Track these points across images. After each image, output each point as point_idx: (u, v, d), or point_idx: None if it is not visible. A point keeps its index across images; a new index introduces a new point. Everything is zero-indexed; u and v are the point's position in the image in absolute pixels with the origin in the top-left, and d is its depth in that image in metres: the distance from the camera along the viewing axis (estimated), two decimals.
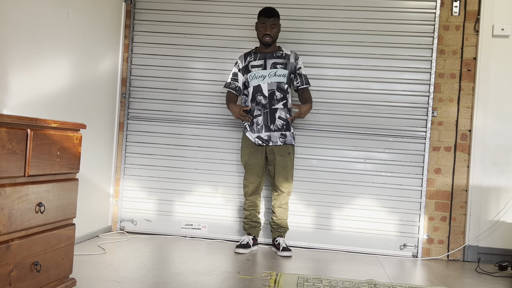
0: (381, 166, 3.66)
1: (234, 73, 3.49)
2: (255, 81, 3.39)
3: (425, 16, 3.64)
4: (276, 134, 3.37)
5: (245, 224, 3.52)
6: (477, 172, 3.55)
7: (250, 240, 3.43)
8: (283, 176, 3.39)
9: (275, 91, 3.36)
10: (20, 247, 1.85)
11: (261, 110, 3.38)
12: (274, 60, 3.39)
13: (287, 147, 3.40)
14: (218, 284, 2.55)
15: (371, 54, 3.68)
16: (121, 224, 3.87)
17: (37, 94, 2.76)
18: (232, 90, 3.47)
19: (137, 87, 3.89)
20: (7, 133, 1.74)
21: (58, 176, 2.10)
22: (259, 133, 3.39)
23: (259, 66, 3.40)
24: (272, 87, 3.36)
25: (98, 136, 3.58)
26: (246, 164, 3.45)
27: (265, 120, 3.37)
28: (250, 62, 3.43)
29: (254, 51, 3.47)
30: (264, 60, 3.40)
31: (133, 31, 3.89)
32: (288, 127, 3.39)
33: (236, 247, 3.36)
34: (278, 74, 3.36)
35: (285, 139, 3.38)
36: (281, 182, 3.40)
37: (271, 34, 3.35)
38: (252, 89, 3.40)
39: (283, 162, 3.39)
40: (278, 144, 3.37)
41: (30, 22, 2.66)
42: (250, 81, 3.42)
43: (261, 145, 3.40)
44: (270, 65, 3.38)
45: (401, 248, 3.63)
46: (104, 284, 2.43)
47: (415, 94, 3.65)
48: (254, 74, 3.39)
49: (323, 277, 2.74)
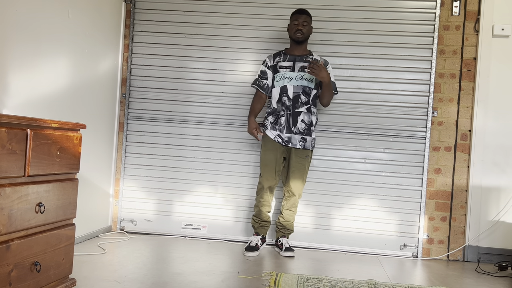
0: (381, 166, 3.66)
1: (263, 71, 3.43)
2: (281, 81, 3.35)
3: (425, 16, 3.64)
4: (296, 137, 3.34)
5: (254, 222, 3.48)
6: (477, 172, 3.55)
7: (258, 240, 3.39)
8: (297, 178, 3.37)
9: (300, 94, 3.32)
10: (20, 247, 1.85)
11: (285, 111, 3.34)
12: (303, 63, 3.35)
13: (307, 151, 3.38)
14: (218, 284, 2.55)
15: (371, 54, 3.68)
16: (121, 224, 3.87)
17: (37, 94, 2.76)
18: (260, 88, 3.41)
19: (137, 87, 3.89)
20: (7, 133, 1.74)
21: (58, 176, 2.10)
22: (280, 132, 3.35)
23: (288, 67, 3.36)
24: (298, 90, 3.33)
25: (98, 136, 3.57)
26: (263, 161, 3.40)
27: (287, 122, 3.33)
28: (279, 63, 3.39)
29: (284, 52, 3.43)
30: (293, 63, 3.36)
31: (133, 31, 3.89)
32: (309, 132, 3.35)
33: (246, 250, 3.31)
34: (305, 78, 3.33)
35: (304, 143, 3.35)
36: (294, 184, 3.38)
37: (303, 30, 3.30)
38: (279, 90, 3.36)
39: (300, 164, 3.36)
40: (298, 147, 3.34)
41: (30, 22, 2.66)
42: (277, 81, 3.37)
43: (281, 144, 3.36)
44: (298, 68, 3.34)
45: (401, 248, 3.63)
46: (104, 284, 2.43)
47: (415, 94, 3.65)
48: (282, 74, 3.36)
49: (323, 277, 2.74)
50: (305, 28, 3.32)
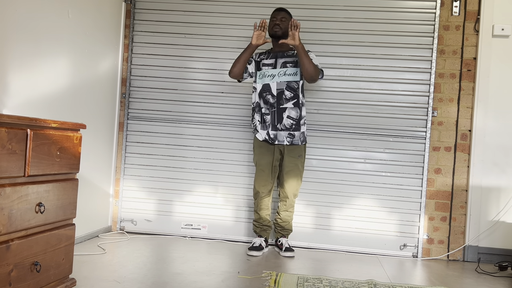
0: (381, 166, 3.66)
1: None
2: (264, 79, 3.36)
3: (425, 16, 3.64)
4: (283, 134, 3.33)
5: (255, 227, 3.47)
6: (477, 172, 3.55)
7: (262, 242, 3.39)
8: (291, 179, 3.36)
9: (284, 90, 3.32)
10: (20, 247, 1.85)
11: (269, 109, 3.34)
12: (285, 59, 3.36)
13: (299, 149, 3.37)
14: (218, 284, 2.55)
15: (371, 54, 3.68)
16: (121, 224, 3.87)
17: (37, 94, 2.76)
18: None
19: (137, 87, 3.89)
20: (7, 133, 1.74)
21: (58, 176, 2.10)
22: (268, 129, 3.35)
23: (270, 65, 3.37)
24: (281, 87, 3.32)
25: (98, 136, 3.57)
26: (257, 165, 3.41)
27: (272, 119, 3.33)
28: (262, 60, 3.40)
29: (268, 51, 3.44)
30: (275, 60, 3.36)
31: (133, 31, 3.89)
32: (298, 127, 3.33)
33: (249, 250, 3.31)
34: (288, 73, 3.33)
35: (292, 139, 3.33)
36: (288, 186, 3.37)
37: (280, 25, 3.29)
38: (260, 87, 3.37)
39: (293, 164, 3.36)
40: (285, 143, 3.33)
41: (30, 22, 2.66)
42: (259, 78, 3.38)
43: (270, 143, 3.36)
44: (280, 64, 3.35)
45: (401, 248, 3.63)
46: (104, 284, 2.43)
47: (415, 94, 3.65)
48: (264, 72, 3.37)
49: (323, 277, 2.74)
50: (283, 23, 3.31)
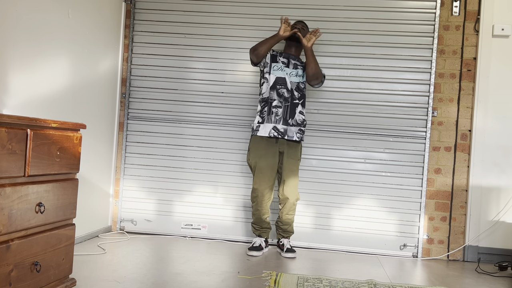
0: (381, 166, 3.66)
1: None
2: (279, 72, 3.35)
3: (425, 16, 3.64)
4: (293, 129, 3.32)
5: (255, 230, 3.46)
6: (477, 172, 3.55)
7: (262, 242, 3.39)
8: (291, 182, 3.35)
9: (294, 90, 3.34)
10: (20, 247, 1.85)
11: (283, 102, 3.33)
12: (295, 62, 3.39)
13: (298, 152, 3.37)
14: (218, 284, 2.55)
15: (371, 54, 3.68)
16: (121, 224, 3.87)
17: (37, 94, 2.76)
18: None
19: (137, 87, 3.89)
20: (7, 133, 1.74)
21: (58, 176, 2.10)
22: (276, 123, 3.31)
23: (283, 62, 3.38)
24: (293, 86, 3.34)
25: (98, 136, 3.57)
26: (256, 168, 3.35)
27: (285, 113, 3.33)
28: (278, 56, 3.40)
29: (281, 51, 3.45)
30: (288, 60, 3.38)
31: (133, 31, 3.89)
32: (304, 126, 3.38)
33: (249, 250, 3.31)
34: (298, 75, 3.36)
35: (302, 135, 3.34)
36: (290, 189, 3.35)
37: (300, 30, 3.30)
38: (274, 79, 3.35)
39: (294, 167, 3.36)
40: (294, 139, 3.32)
41: (30, 22, 2.66)
42: (274, 70, 3.36)
43: (276, 137, 3.32)
44: (292, 65, 3.38)
45: (401, 248, 3.63)
46: (104, 284, 2.43)
47: (415, 94, 3.65)
48: (281, 66, 3.37)
49: (323, 277, 2.74)
50: (303, 31, 3.33)
